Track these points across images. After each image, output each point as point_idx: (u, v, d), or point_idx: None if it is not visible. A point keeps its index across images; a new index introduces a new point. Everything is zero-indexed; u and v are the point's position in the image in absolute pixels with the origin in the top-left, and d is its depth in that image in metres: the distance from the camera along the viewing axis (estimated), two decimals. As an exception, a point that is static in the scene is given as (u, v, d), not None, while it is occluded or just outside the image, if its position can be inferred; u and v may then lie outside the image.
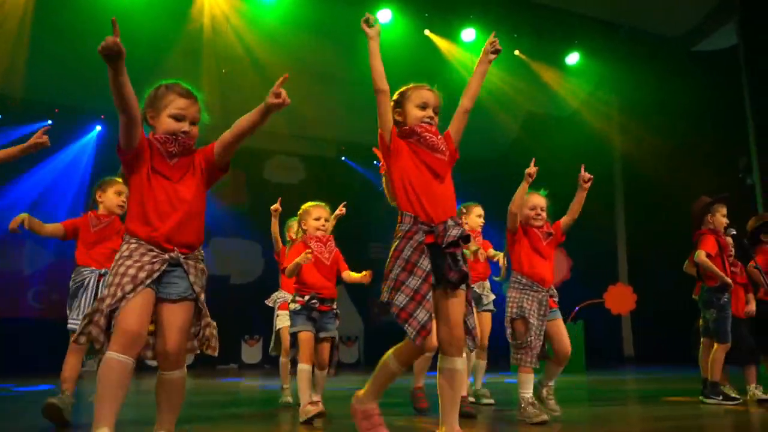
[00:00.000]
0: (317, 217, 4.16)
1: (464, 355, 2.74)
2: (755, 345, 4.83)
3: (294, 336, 4.02)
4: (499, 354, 8.49)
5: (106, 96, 2.44)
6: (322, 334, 4.01)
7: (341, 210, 4.42)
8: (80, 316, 3.93)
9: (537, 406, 3.71)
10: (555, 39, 10.76)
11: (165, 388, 2.47)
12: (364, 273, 3.90)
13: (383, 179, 3.14)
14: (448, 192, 2.89)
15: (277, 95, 2.53)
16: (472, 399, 4.69)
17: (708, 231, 4.71)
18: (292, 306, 4.06)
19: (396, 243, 2.74)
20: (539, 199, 4.10)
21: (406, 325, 2.55)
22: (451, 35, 10.46)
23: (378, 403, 2.79)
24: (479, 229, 4.87)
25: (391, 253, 2.74)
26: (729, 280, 4.63)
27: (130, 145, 2.44)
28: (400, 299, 2.59)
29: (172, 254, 2.42)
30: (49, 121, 10.23)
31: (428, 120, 2.98)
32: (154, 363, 2.52)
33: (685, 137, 10.35)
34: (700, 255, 4.60)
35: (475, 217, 4.89)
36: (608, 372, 9.19)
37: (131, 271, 2.34)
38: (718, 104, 10.16)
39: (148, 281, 2.35)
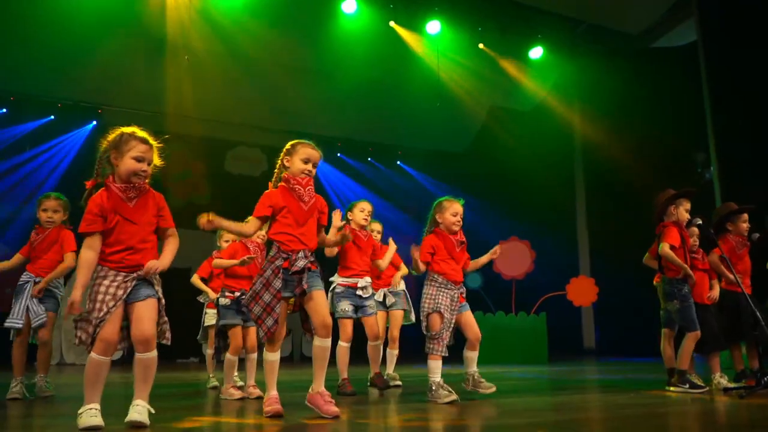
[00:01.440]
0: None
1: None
2: (720, 334, 4.90)
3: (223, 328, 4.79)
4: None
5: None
6: (249, 324, 4.63)
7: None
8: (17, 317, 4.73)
9: (446, 388, 4.09)
10: (519, 33, 10.84)
11: (141, 366, 3.10)
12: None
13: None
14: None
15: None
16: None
17: (671, 223, 4.76)
18: (223, 301, 4.70)
19: None
20: (460, 207, 4.47)
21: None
22: (416, 27, 10.42)
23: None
24: (364, 223, 5.12)
25: None
26: (691, 273, 4.68)
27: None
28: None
29: (139, 272, 3.13)
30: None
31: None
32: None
33: (644, 132, 10.51)
34: (664, 247, 4.64)
35: (358, 212, 5.13)
36: (571, 363, 9.29)
37: (111, 290, 3.06)
38: (677, 100, 10.35)
39: (125, 296, 3.07)
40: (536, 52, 11.17)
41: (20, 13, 8.48)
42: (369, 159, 13.46)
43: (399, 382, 5.54)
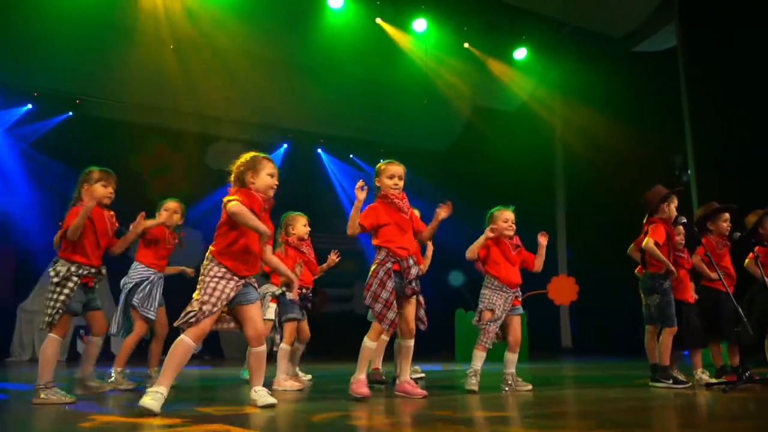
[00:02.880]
0: (305, 223, 5.24)
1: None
2: (702, 331, 5.00)
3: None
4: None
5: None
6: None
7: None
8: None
9: (478, 378, 4.51)
10: (504, 33, 10.91)
11: (257, 358, 3.66)
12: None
13: None
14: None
15: None
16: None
17: (659, 220, 4.85)
18: (290, 296, 5.00)
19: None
20: (510, 214, 4.88)
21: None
22: (402, 24, 10.44)
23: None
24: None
25: None
26: (673, 269, 4.78)
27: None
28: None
29: (246, 279, 3.60)
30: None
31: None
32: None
33: (624, 134, 10.66)
34: (649, 242, 4.74)
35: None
36: (551, 361, 9.40)
37: (227, 292, 3.49)
38: (656, 103, 10.52)
39: (232, 296, 3.53)
40: (520, 53, 11.27)
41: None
42: (351, 156, 13.43)
43: (422, 375, 5.86)
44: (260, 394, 3.59)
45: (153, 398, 3.23)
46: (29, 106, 10.46)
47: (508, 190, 11.51)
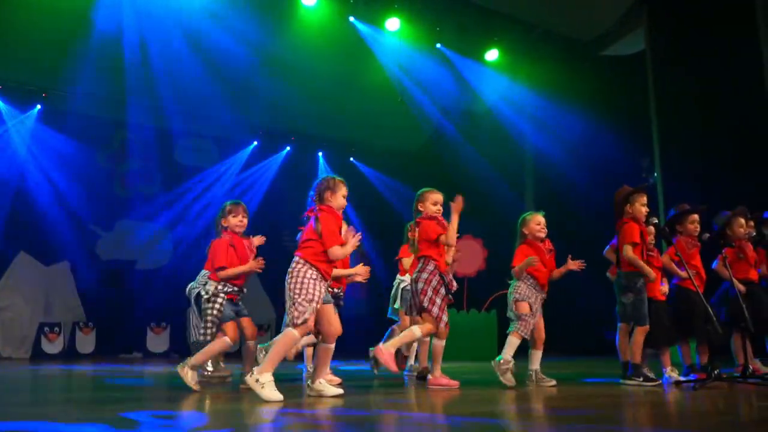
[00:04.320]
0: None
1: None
2: (672, 329, 5.09)
3: None
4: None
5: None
6: None
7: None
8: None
9: (511, 367, 4.84)
10: (476, 35, 10.95)
11: (326, 353, 4.13)
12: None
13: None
14: None
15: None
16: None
17: (630, 220, 4.93)
18: None
19: None
20: (541, 218, 5.22)
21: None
22: (375, 23, 10.41)
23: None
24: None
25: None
26: (652, 274, 4.85)
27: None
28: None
29: (327, 282, 4.11)
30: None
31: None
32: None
33: (592, 137, 10.81)
34: (628, 251, 4.82)
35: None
36: (520, 359, 9.46)
37: (321, 292, 4.01)
38: (624, 107, 10.69)
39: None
40: (492, 54, 11.32)
41: None
42: (320, 154, 13.37)
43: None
44: (325, 385, 4.06)
45: (269, 388, 3.77)
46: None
47: (479, 190, 11.62)
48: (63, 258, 10.64)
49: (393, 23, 10.32)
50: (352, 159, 13.63)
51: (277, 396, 3.74)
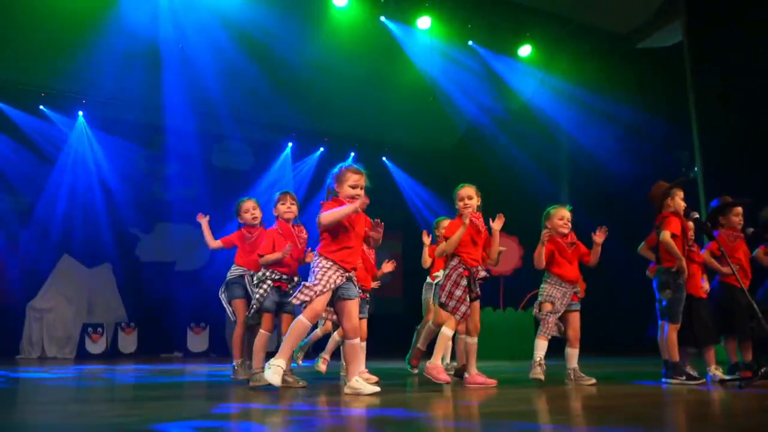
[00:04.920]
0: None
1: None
2: (714, 326, 4.97)
3: None
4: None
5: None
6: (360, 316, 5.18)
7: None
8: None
9: (543, 367, 4.82)
10: (508, 31, 10.88)
11: (352, 350, 4.08)
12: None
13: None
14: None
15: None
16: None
17: (671, 214, 4.83)
18: None
19: None
20: (566, 212, 5.14)
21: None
22: (406, 22, 10.41)
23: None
24: None
25: None
26: (685, 265, 4.74)
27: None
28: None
29: (349, 274, 4.12)
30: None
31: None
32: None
33: (630, 131, 10.63)
34: (665, 235, 4.72)
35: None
36: (559, 358, 9.34)
37: (333, 278, 4.02)
38: (662, 99, 10.47)
39: (339, 283, 4.05)
40: (525, 50, 11.22)
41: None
42: (352, 154, 13.40)
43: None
44: (362, 383, 4.01)
45: (274, 372, 3.85)
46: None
47: (514, 187, 11.53)
48: (105, 260, 10.90)
49: (424, 22, 10.31)
50: (384, 159, 13.64)
51: (277, 380, 3.83)
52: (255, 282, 4.82)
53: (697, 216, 4.81)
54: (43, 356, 9.90)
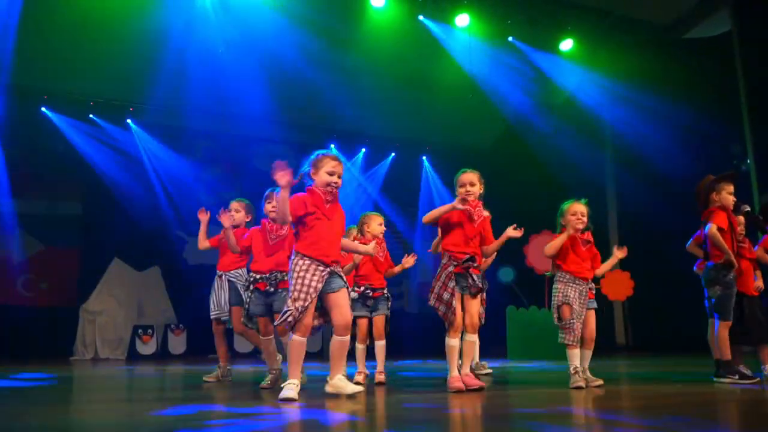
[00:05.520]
0: (380, 222, 5.29)
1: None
2: (767, 325, 4.80)
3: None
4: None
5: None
6: (375, 314, 5.15)
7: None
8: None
9: (579, 374, 4.52)
10: (548, 25, 10.72)
11: (340, 347, 3.87)
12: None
13: None
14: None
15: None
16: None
17: (718, 208, 4.69)
18: (352, 295, 5.06)
19: None
20: (581, 207, 4.82)
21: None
22: (444, 20, 10.36)
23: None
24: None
25: None
26: (734, 259, 4.60)
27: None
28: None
29: (331, 268, 3.87)
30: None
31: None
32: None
33: (677, 123, 10.35)
34: (712, 228, 4.58)
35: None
36: (606, 358, 9.19)
37: (314, 284, 3.80)
38: (711, 91, 10.16)
39: (320, 287, 3.82)
40: (566, 44, 11.05)
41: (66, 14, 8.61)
42: (393, 154, 13.41)
43: (489, 371, 6.07)
44: (345, 382, 3.87)
45: (290, 389, 3.71)
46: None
47: (558, 184, 11.35)
48: (154, 263, 11.18)
49: (463, 19, 10.25)
50: (424, 157, 13.61)
51: (293, 395, 3.67)
52: (246, 285, 4.87)
53: (748, 209, 4.66)
54: (96, 357, 10.21)
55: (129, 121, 11.10)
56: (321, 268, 3.83)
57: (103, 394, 4.50)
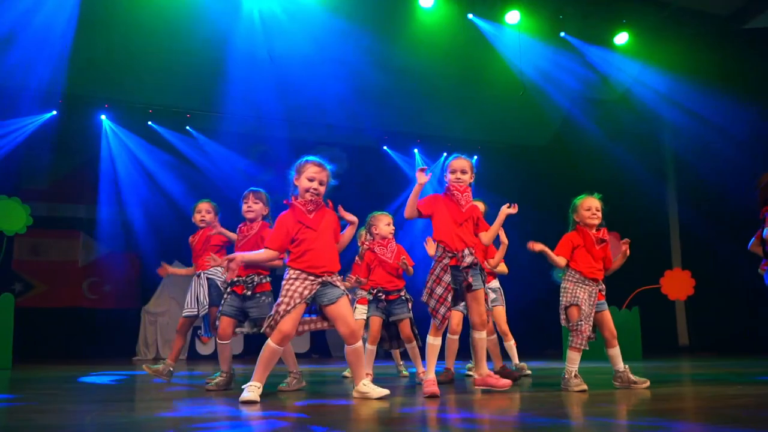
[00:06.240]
0: (388, 222, 5.25)
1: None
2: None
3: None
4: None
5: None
6: (392, 318, 5.10)
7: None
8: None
9: (579, 377, 4.27)
10: (602, 19, 10.50)
11: (354, 355, 3.82)
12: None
13: None
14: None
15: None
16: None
17: (777, 206, 4.49)
18: (367, 296, 5.20)
19: None
20: (595, 202, 4.55)
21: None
22: (494, 18, 10.26)
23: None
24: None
25: None
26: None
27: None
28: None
29: (323, 278, 3.79)
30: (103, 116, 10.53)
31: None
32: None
33: (740, 117, 9.97)
34: None
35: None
36: (667, 359, 8.92)
37: (299, 290, 3.73)
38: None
39: (308, 296, 3.73)
40: (621, 38, 10.78)
41: (121, 20, 8.89)
42: (444, 154, 13.33)
43: (529, 372, 5.89)
44: (370, 387, 3.78)
45: (251, 391, 3.62)
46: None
47: (615, 181, 11.08)
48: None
49: (513, 16, 10.13)
50: (477, 157, 13.49)
51: (254, 397, 3.58)
52: (224, 287, 4.88)
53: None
54: (157, 357, 10.54)
55: (188, 127, 11.38)
56: (311, 278, 3.76)
57: (163, 393, 4.64)
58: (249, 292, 4.56)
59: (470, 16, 10.22)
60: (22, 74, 8.82)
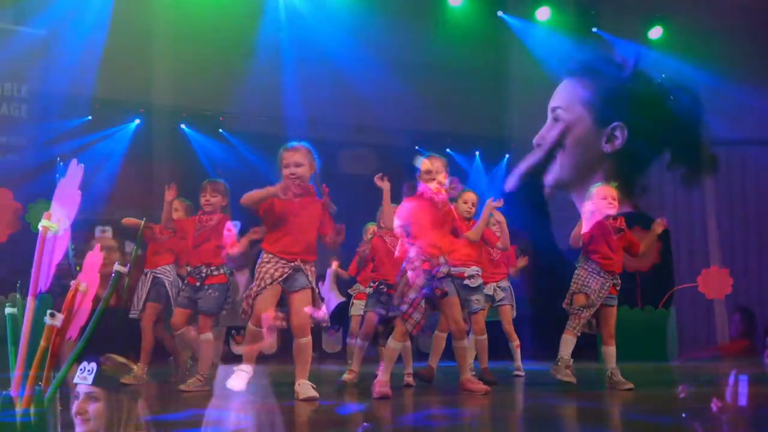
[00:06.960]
0: None
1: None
2: None
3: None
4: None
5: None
6: (392, 313, 4.84)
7: None
8: None
9: (571, 368, 4.30)
10: (635, 13, 10.35)
11: (298, 350, 3.86)
12: None
13: None
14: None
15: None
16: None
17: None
18: (367, 290, 5.20)
19: None
20: (610, 190, 4.48)
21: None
22: (525, 15, 10.19)
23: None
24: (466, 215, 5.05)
25: None
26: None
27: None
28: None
29: (296, 263, 3.84)
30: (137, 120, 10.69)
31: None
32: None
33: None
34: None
35: (462, 203, 5.07)
36: (705, 360, 8.73)
37: (271, 271, 3.80)
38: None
39: (280, 279, 3.79)
40: (656, 33, 10.59)
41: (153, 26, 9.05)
42: (477, 153, 13.23)
43: (522, 373, 5.85)
44: (303, 387, 3.79)
45: (238, 376, 3.74)
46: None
47: (651, 182, 10.90)
48: (244, 266, 11.54)
49: (544, 13, 10.08)
50: (508, 156, 13.39)
51: (242, 386, 3.65)
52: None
53: None
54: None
55: (220, 130, 11.47)
56: (283, 262, 3.82)
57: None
58: (198, 284, 4.63)
59: (500, 13, 10.17)
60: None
